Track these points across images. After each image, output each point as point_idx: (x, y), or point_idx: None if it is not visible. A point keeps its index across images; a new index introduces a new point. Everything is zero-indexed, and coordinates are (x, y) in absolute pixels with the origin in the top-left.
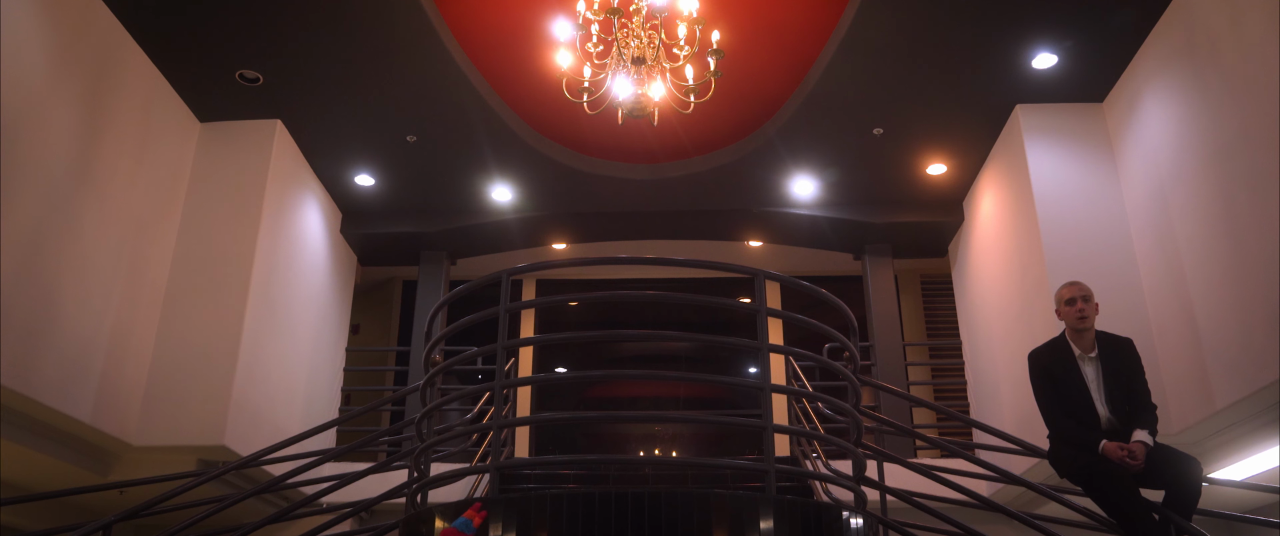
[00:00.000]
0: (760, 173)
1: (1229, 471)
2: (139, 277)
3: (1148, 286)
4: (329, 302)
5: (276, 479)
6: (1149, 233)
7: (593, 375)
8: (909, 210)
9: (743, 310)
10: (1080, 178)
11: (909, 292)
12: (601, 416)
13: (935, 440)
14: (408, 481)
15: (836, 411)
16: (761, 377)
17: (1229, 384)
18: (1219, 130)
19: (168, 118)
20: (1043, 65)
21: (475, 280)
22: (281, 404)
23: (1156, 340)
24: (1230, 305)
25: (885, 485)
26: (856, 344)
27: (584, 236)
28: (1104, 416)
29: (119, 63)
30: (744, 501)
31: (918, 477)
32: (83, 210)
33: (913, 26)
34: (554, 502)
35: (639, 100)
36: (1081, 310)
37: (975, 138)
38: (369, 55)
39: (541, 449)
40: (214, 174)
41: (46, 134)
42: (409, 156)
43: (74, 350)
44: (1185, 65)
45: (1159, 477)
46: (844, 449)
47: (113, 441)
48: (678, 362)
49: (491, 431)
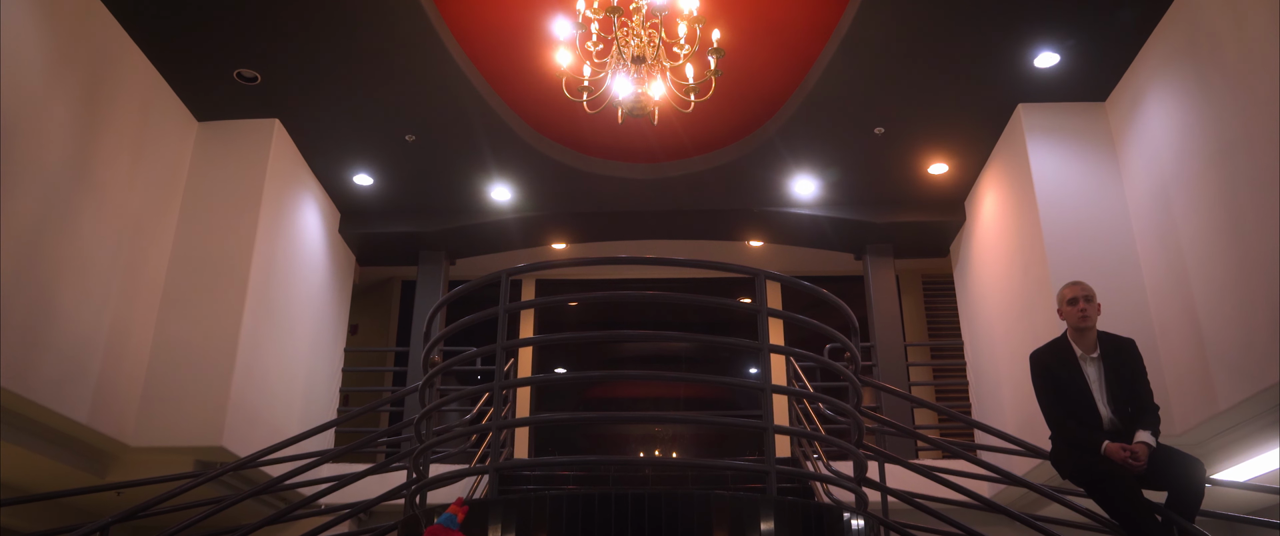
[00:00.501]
0: (761, 172)
1: (1232, 472)
2: (136, 277)
3: (1150, 286)
4: (327, 303)
5: (274, 480)
6: (1151, 232)
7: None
8: (910, 210)
9: (743, 310)
10: (1082, 177)
11: (910, 293)
12: (601, 417)
13: (937, 441)
14: (407, 482)
15: (837, 412)
16: (762, 378)
17: (1232, 384)
18: (1222, 129)
19: (165, 117)
20: (1045, 64)
21: (474, 280)
22: (280, 404)
23: (1159, 340)
24: (1233, 305)
25: (886, 486)
26: (857, 344)
27: (584, 236)
28: (1106, 417)
29: (117, 62)
30: (745, 502)
31: (919, 478)
32: (80, 210)
33: (914, 25)
34: (553, 503)
35: (639, 99)
36: (1083, 310)
37: (977, 137)
38: (368, 54)
39: (541, 450)
40: (212, 173)
41: (44, 133)
42: (408, 156)
43: (71, 350)
44: (1188, 64)
45: (1161, 479)
46: (845, 450)
47: (110, 442)
48: (678, 363)
49: (491, 432)
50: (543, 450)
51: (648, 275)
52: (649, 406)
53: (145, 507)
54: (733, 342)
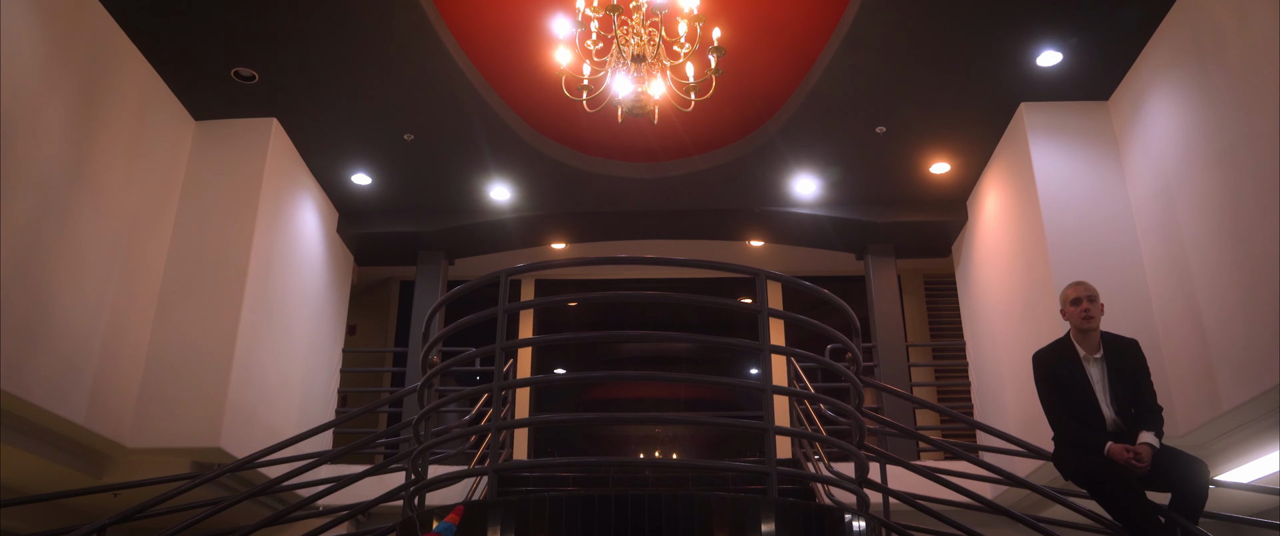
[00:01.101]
0: (762, 171)
1: (1236, 474)
2: (133, 277)
3: (1153, 286)
4: (325, 303)
5: (272, 481)
6: (1155, 232)
7: (592, 376)
8: (912, 209)
9: (744, 311)
10: (1085, 176)
11: (912, 293)
12: (601, 418)
13: (938, 442)
14: (405, 484)
15: (839, 413)
16: (763, 379)
17: (1236, 385)
18: (1225, 129)
19: (162, 116)
20: (1047, 63)
21: (473, 280)
22: (277, 405)
23: (1162, 341)
24: (1237, 305)
25: (888, 487)
26: (859, 345)
27: (583, 236)
28: (1109, 418)
29: (113, 61)
30: (745, 504)
31: (921, 480)
32: (77, 209)
33: (916, 23)
34: (553, 505)
35: (639, 98)
36: (1086, 310)
37: (979, 136)
38: (366, 52)
39: (540, 451)
40: (209, 173)
41: (40, 132)
42: (406, 155)
43: (68, 350)
44: (1191, 63)
45: (1165, 480)
46: (846, 451)
47: (107, 443)
48: (678, 364)
49: (490, 433)
50: (542, 451)
51: (648, 275)
52: (649, 407)
53: (142, 509)
54: (733, 343)
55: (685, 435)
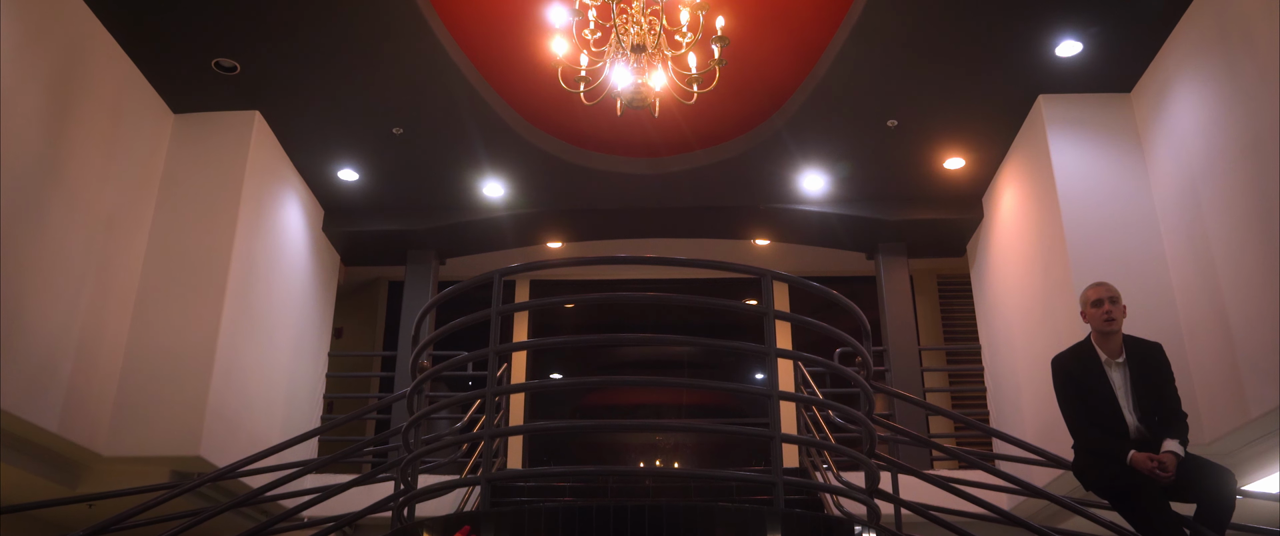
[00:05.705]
0: (767, 167)
1: (1264, 484)
2: (109, 278)
3: (1178, 287)
4: (310, 305)
5: (255, 491)
6: (1179, 230)
7: (590, 381)
8: (925, 207)
9: (749, 313)
10: (1106, 172)
11: (925, 294)
12: (599, 425)
13: (953, 450)
14: (394, 494)
15: (848, 420)
16: (769, 384)
17: (1264, 391)
18: (1254, 121)
19: (140, 109)
20: (1067, 53)
21: (466, 281)
22: (260, 412)
23: (1187, 344)
24: (1266, 307)
25: (900, 498)
26: (869, 348)
27: (581, 234)
28: (1132, 425)
29: (88, 51)
30: (750, 515)
31: (934, 490)
32: (50, 207)
33: (929, 12)
34: (549, 516)
35: (639, 90)
36: (1108, 312)
37: (995, 130)
38: (353, 42)
39: (535, 460)
40: (188, 168)
41: (11, 126)
42: (395, 150)
43: (40, 355)
44: (1217, 53)
45: (1190, 490)
46: (856, 459)
47: (81, 452)
48: (680, 368)
49: (482, 441)
50: (537, 460)
51: (648, 275)
52: (649, 414)
53: (119, 520)
54: (738, 347)
55: (687, 443)
